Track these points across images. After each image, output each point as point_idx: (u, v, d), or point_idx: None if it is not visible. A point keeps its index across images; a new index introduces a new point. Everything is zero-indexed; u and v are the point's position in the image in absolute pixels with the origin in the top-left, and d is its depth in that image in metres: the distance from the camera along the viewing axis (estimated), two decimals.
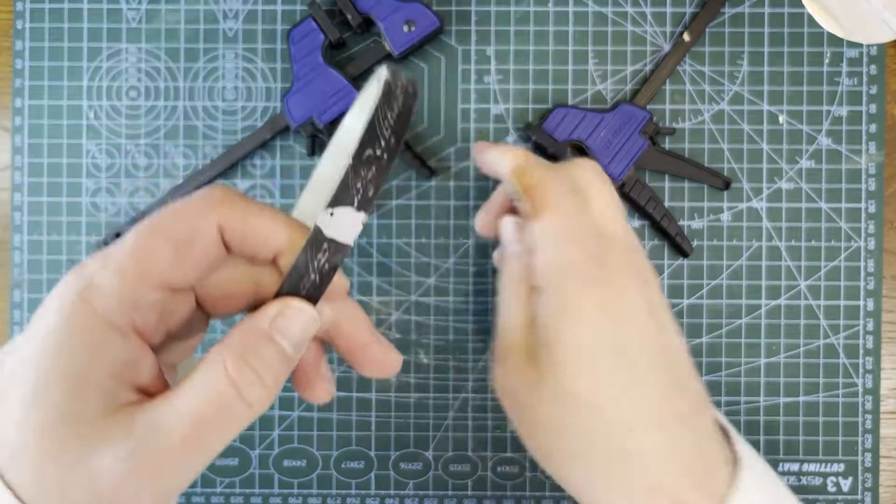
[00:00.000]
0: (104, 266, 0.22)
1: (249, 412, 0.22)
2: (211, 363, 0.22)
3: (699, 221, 0.40)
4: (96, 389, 0.21)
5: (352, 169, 0.22)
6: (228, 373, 0.22)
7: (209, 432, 0.22)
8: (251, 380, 0.22)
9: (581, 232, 0.28)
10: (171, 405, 0.21)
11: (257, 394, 0.22)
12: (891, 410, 0.40)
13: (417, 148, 0.40)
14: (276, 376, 0.23)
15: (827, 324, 0.40)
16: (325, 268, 0.23)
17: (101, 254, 0.23)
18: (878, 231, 0.40)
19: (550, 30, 0.40)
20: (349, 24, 0.39)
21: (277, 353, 0.23)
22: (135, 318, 0.22)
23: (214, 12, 0.40)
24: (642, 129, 0.39)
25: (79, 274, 0.22)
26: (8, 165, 0.40)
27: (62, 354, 0.21)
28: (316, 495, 0.40)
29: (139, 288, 0.22)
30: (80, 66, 0.40)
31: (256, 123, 0.40)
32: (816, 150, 0.40)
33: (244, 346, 0.22)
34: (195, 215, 0.23)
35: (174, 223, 0.23)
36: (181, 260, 0.23)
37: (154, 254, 0.22)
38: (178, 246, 0.23)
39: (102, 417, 0.21)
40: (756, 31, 0.40)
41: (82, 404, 0.21)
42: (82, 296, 0.22)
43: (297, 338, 0.23)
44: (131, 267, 0.22)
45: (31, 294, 0.40)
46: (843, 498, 0.40)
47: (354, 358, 0.26)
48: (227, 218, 0.23)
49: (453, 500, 0.41)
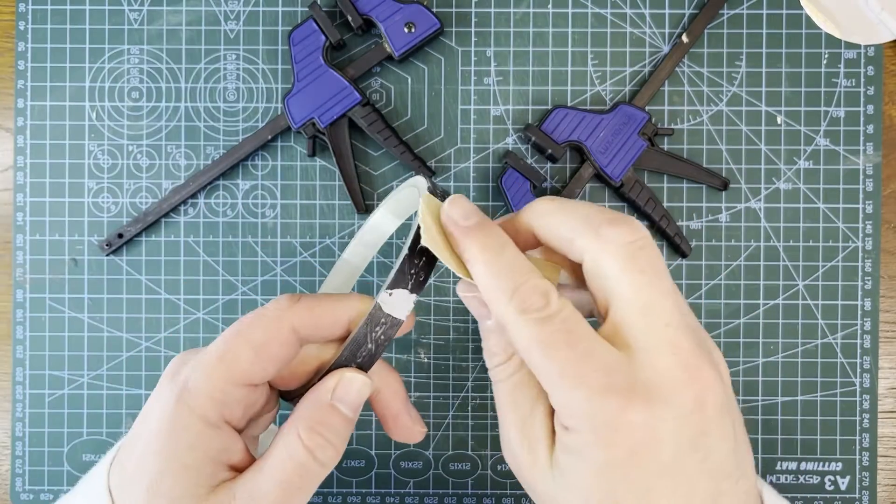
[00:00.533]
0: (195, 370, 0.27)
1: (323, 470, 0.27)
2: (287, 435, 0.27)
3: (698, 222, 0.41)
4: (199, 475, 0.26)
5: (407, 259, 0.26)
6: (304, 442, 0.26)
7: (295, 491, 0.26)
8: (322, 444, 0.26)
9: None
10: (262, 475, 0.26)
11: (329, 455, 0.27)
12: (888, 409, 0.41)
13: (417, 148, 0.40)
14: (341, 438, 0.27)
15: (825, 323, 0.40)
16: (380, 338, 0.27)
17: (194, 358, 0.27)
18: (875, 231, 0.40)
19: (550, 31, 0.40)
20: (350, 26, 0.39)
21: (339, 418, 0.27)
22: (224, 413, 0.26)
23: (216, 14, 0.40)
24: (641, 130, 0.39)
25: (174, 380, 0.27)
26: (10, 166, 0.41)
27: (169, 451, 0.26)
28: (317, 494, 0.41)
29: (226, 388, 0.26)
30: (82, 67, 0.40)
31: (257, 124, 0.40)
32: (814, 151, 0.40)
33: (312, 417, 0.27)
34: (271, 321, 0.27)
35: (253, 330, 0.27)
36: (260, 360, 0.27)
37: (238, 357, 0.26)
38: (258, 349, 0.27)
39: (207, 495, 0.26)
40: (754, 32, 0.40)
41: (189, 489, 0.25)
42: (181, 399, 0.26)
43: (354, 402, 0.27)
44: (219, 370, 0.26)
45: (33, 294, 0.40)
46: (841, 496, 0.40)
47: (386, 422, 0.30)
48: (299, 318, 0.27)
49: (453, 498, 0.41)
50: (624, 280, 0.24)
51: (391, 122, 0.40)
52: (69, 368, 0.40)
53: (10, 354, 0.40)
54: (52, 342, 0.40)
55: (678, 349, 0.23)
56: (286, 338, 0.27)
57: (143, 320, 0.40)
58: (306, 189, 0.40)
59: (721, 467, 0.23)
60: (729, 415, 0.24)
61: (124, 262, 0.40)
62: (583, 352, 0.23)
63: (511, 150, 0.40)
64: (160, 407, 0.27)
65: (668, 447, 0.23)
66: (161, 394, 0.27)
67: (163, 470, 0.26)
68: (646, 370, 0.23)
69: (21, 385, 0.40)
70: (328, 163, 0.40)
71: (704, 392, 0.23)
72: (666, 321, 0.24)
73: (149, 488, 0.26)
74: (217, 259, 0.40)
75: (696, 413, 0.23)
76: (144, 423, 0.27)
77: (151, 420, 0.27)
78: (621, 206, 0.40)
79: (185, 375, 0.27)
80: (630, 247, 0.24)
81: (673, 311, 0.24)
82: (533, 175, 0.39)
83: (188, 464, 0.26)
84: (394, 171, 0.41)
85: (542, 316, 0.24)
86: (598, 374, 0.23)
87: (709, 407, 0.23)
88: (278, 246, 0.40)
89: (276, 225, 0.41)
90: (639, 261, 0.24)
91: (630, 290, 0.24)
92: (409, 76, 0.41)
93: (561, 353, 0.23)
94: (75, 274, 0.40)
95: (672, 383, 0.23)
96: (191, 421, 0.26)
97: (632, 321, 0.24)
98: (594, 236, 0.25)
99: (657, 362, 0.23)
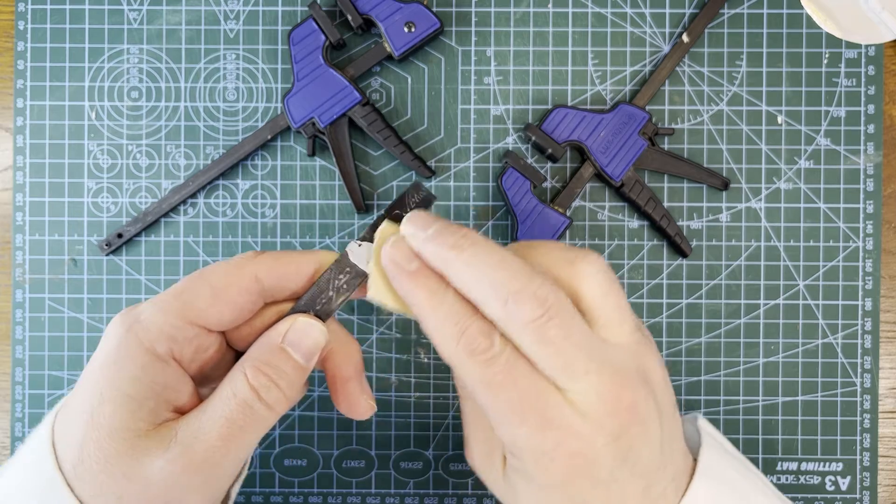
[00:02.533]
0: (150, 305, 0.27)
1: (271, 413, 0.26)
2: (233, 374, 0.27)
3: (698, 222, 0.40)
4: (141, 407, 0.25)
5: (380, 218, 0.28)
6: (249, 380, 0.26)
7: (238, 431, 0.26)
8: (266, 385, 0.26)
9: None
10: (205, 413, 0.26)
11: (275, 396, 0.26)
12: (889, 410, 0.41)
13: (417, 148, 0.40)
14: (289, 382, 0.27)
15: (825, 323, 0.40)
16: (343, 287, 0.28)
17: (152, 297, 0.28)
18: (876, 231, 0.40)
19: (550, 31, 0.40)
20: (350, 25, 0.39)
21: (290, 363, 0.27)
22: (173, 349, 0.26)
23: (216, 13, 0.40)
24: (641, 130, 0.39)
25: (129, 312, 0.27)
26: (10, 166, 0.40)
27: (111, 379, 0.26)
28: (316, 494, 0.41)
29: (179, 323, 0.26)
30: (81, 66, 0.40)
31: (257, 124, 0.40)
32: (815, 151, 0.40)
33: (260, 357, 0.27)
34: (233, 267, 0.28)
35: (214, 272, 0.27)
36: (218, 302, 0.27)
37: (195, 295, 0.27)
38: (217, 291, 0.27)
39: (147, 431, 0.25)
40: (755, 31, 0.40)
41: (130, 420, 0.25)
42: (131, 329, 0.26)
43: (307, 349, 0.27)
44: (174, 305, 0.27)
45: (32, 294, 0.40)
46: (842, 497, 0.40)
47: (334, 388, 0.30)
48: (263, 266, 0.28)
49: (453, 499, 0.41)
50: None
51: (391, 122, 0.40)
52: (69, 368, 0.40)
53: (10, 354, 0.40)
54: (51, 342, 0.40)
55: (601, 381, 0.25)
56: (247, 285, 0.27)
57: None
58: (306, 189, 0.40)
59: (650, 465, 0.26)
60: (657, 417, 0.26)
61: (124, 262, 0.40)
62: (523, 391, 0.25)
63: (511, 149, 0.40)
64: (108, 340, 0.27)
65: (603, 468, 0.25)
66: (111, 328, 0.27)
67: (104, 398, 0.25)
68: (578, 405, 0.25)
69: (20, 385, 0.40)
70: (328, 162, 0.40)
71: (630, 414, 0.25)
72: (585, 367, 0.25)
73: (88, 420, 0.25)
74: (217, 259, 0.40)
75: (624, 435, 0.25)
76: (91, 361, 0.27)
77: (98, 354, 0.27)
78: (622, 205, 0.40)
79: (140, 310, 0.27)
80: (539, 320, 0.25)
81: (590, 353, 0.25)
82: (533, 175, 0.39)
83: (130, 394, 0.25)
84: (394, 171, 0.41)
85: (487, 357, 0.25)
86: (537, 413, 0.25)
87: (635, 424, 0.25)
88: (278, 246, 0.40)
89: (276, 225, 0.40)
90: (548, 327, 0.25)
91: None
92: (409, 76, 0.40)
93: (504, 395, 0.25)
94: (75, 274, 0.40)
95: (600, 414, 0.25)
96: (137, 352, 0.26)
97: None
98: (502, 306, 0.25)
99: (585, 397, 0.25)
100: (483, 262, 0.25)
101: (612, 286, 0.26)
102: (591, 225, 0.40)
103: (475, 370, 0.25)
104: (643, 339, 0.27)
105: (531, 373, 0.25)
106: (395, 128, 0.40)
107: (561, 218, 0.38)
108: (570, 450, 0.25)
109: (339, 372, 0.30)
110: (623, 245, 0.40)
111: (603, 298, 0.26)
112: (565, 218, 0.38)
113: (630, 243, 0.40)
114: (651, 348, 0.27)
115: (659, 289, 0.40)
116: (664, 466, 0.27)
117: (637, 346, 0.27)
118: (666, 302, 0.40)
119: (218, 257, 0.40)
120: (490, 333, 0.25)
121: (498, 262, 0.25)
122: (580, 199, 0.40)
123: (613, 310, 0.26)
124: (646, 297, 0.40)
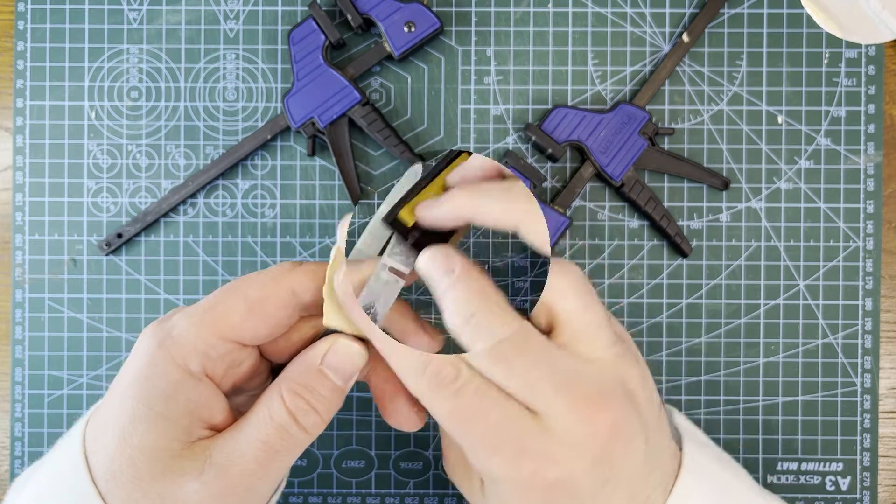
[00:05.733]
0: (182, 318, 0.26)
1: (307, 437, 0.26)
2: (270, 395, 0.26)
3: (698, 221, 0.40)
4: (174, 427, 0.24)
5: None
6: (286, 404, 0.25)
7: (274, 455, 0.25)
8: (304, 409, 0.25)
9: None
10: (241, 434, 0.25)
11: (312, 421, 0.26)
12: (889, 410, 0.41)
13: (417, 148, 0.40)
14: (327, 405, 0.26)
15: (825, 323, 0.40)
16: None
17: (185, 308, 0.26)
18: (876, 231, 0.40)
19: (550, 31, 0.40)
20: (349, 25, 0.39)
21: (327, 386, 0.26)
22: (206, 366, 0.25)
23: (215, 13, 0.40)
24: (642, 130, 0.39)
25: (160, 326, 0.26)
26: (9, 166, 0.40)
27: (143, 397, 0.24)
28: (316, 494, 0.41)
29: (212, 339, 0.25)
30: (81, 66, 0.40)
31: (257, 124, 0.40)
32: (815, 151, 0.40)
33: (297, 380, 0.26)
34: (269, 279, 0.26)
35: (249, 285, 0.26)
36: (253, 317, 0.26)
37: (229, 310, 0.26)
38: (252, 305, 0.26)
39: (181, 451, 0.24)
40: (755, 31, 0.40)
41: (163, 440, 0.24)
42: (162, 345, 0.25)
43: (345, 371, 0.26)
44: (207, 320, 0.25)
45: (32, 294, 0.40)
46: (842, 497, 0.40)
47: (382, 403, 0.28)
48: (300, 280, 0.26)
49: (453, 499, 0.41)
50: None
51: (391, 122, 0.40)
52: (68, 369, 0.40)
53: (9, 354, 0.40)
54: (51, 342, 0.40)
55: (575, 401, 0.24)
56: (284, 299, 0.26)
57: (143, 320, 0.40)
58: (306, 189, 0.40)
59: (634, 477, 0.25)
60: (641, 431, 0.25)
61: (123, 262, 0.40)
62: (496, 422, 0.24)
63: (511, 149, 0.40)
64: (140, 354, 0.26)
65: (583, 492, 0.24)
66: (142, 341, 0.26)
67: (136, 417, 0.24)
68: (554, 430, 0.24)
69: (20, 385, 0.40)
70: (328, 162, 0.40)
71: (611, 433, 0.24)
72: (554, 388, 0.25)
73: (120, 437, 0.24)
74: (217, 259, 0.40)
75: (605, 457, 0.24)
76: (122, 374, 0.26)
77: (130, 368, 0.26)
78: (622, 205, 0.40)
79: (172, 323, 0.26)
80: (498, 346, 0.24)
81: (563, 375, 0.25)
82: (533, 175, 0.38)
83: (163, 413, 0.24)
84: (394, 171, 0.41)
85: (454, 389, 0.24)
86: (511, 443, 0.24)
87: (616, 443, 0.24)
88: (278, 246, 0.40)
89: (276, 225, 0.40)
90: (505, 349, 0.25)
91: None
92: (409, 75, 0.40)
93: (476, 427, 0.24)
94: (74, 274, 0.40)
95: (578, 437, 0.24)
96: (170, 368, 0.25)
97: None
98: (426, 389, 0.25)
99: (561, 420, 0.24)
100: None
101: (586, 299, 0.26)
102: (591, 225, 0.40)
103: (443, 403, 0.24)
104: (623, 351, 0.26)
105: (503, 400, 0.24)
106: (395, 128, 0.40)
107: (561, 218, 0.38)
108: (548, 478, 0.24)
109: (387, 386, 0.28)
110: (623, 245, 0.40)
111: (576, 313, 0.25)
112: (565, 218, 0.38)
113: (630, 243, 0.40)
114: (632, 360, 0.27)
115: (659, 289, 0.40)
116: (650, 474, 0.26)
117: (616, 359, 0.26)
118: (666, 302, 0.40)
119: (218, 257, 0.40)
120: (457, 363, 0.24)
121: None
122: (580, 198, 0.40)
123: (588, 324, 0.26)
124: (646, 297, 0.40)
